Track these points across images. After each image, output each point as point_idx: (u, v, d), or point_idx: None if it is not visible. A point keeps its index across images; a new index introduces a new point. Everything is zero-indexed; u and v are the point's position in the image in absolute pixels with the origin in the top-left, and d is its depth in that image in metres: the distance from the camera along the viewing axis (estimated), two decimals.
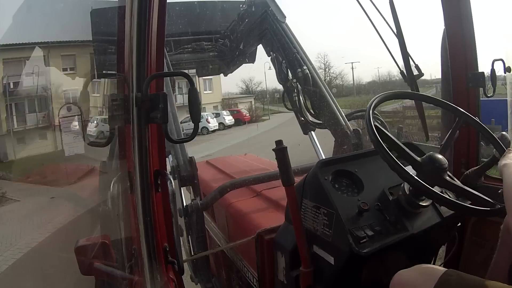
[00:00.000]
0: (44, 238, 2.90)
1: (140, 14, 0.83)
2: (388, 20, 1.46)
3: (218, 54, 2.60)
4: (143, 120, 0.85)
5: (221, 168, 2.27)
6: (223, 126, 18.80)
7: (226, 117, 19.67)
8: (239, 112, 22.35)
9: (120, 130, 0.96)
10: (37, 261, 2.61)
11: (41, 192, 4.05)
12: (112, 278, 1.12)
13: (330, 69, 32.07)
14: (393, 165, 0.94)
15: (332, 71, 32.52)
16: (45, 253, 2.50)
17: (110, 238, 1.15)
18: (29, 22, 2.14)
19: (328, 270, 1.05)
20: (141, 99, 0.83)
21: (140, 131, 0.86)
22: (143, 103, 0.83)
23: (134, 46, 0.85)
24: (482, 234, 1.45)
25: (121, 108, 0.91)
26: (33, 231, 3.09)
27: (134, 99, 0.84)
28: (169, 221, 0.97)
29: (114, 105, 0.91)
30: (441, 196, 0.90)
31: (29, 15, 1.97)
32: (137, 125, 0.85)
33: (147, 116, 0.85)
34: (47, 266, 1.96)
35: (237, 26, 2.43)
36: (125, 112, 0.89)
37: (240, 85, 32.89)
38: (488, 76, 1.53)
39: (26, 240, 3.11)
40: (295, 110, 2.41)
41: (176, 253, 0.97)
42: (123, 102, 0.91)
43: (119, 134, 0.97)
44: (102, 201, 1.29)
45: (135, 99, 0.84)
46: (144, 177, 0.87)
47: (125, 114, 0.89)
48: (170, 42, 2.35)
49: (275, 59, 2.33)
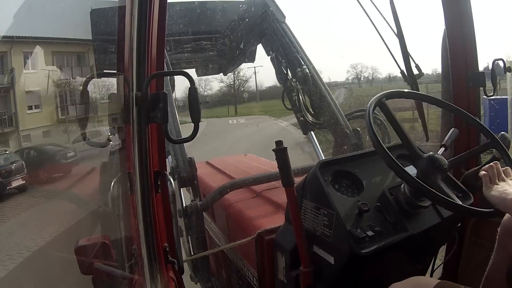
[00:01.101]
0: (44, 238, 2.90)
1: (140, 14, 0.83)
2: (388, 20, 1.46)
3: (218, 54, 2.60)
4: (143, 120, 0.85)
5: (221, 169, 2.27)
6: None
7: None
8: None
9: (120, 130, 0.96)
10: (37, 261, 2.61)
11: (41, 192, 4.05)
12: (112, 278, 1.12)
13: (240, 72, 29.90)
14: (392, 165, 0.94)
15: (243, 74, 30.46)
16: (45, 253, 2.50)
17: (110, 238, 1.14)
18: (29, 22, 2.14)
19: (328, 270, 1.05)
20: (141, 99, 0.83)
21: (140, 130, 0.85)
22: (143, 103, 0.83)
23: (134, 46, 0.84)
24: (482, 234, 1.45)
25: (121, 108, 0.91)
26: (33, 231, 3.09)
27: (134, 98, 0.84)
28: (169, 221, 0.97)
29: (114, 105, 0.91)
30: (440, 197, 0.90)
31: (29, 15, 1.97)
32: (137, 125, 0.85)
33: (147, 116, 0.85)
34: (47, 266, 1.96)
35: (237, 26, 2.43)
36: (125, 111, 0.89)
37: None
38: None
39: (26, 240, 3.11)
40: (294, 110, 2.41)
41: (176, 253, 0.97)
42: (123, 101, 0.91)
43: (119, 134, 0.97)
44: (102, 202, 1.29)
45: (135, 98, 0.84)
46: (144, 177, 0.87)
47: (125, 113, 0.89)
48: (170, 42, 2.35)
49: (274, 59, 2.33)
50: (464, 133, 1.48)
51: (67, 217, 2.15)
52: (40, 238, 2.96)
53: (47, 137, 3.97)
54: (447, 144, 1.16)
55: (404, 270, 1.15)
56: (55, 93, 3.33)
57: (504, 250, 1.08)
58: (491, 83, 1.58)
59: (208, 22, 2.47)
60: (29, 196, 3.94)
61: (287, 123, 17.78)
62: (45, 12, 2.10)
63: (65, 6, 1.84)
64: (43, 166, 3.74)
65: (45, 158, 3.85)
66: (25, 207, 3.65)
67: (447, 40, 1.53)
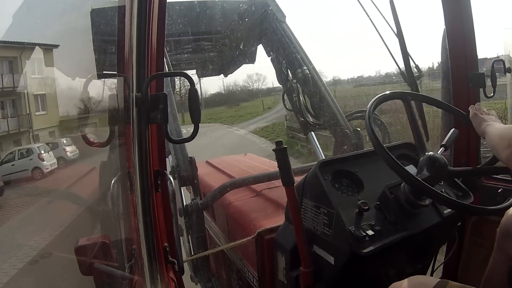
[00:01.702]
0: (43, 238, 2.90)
1: (140, 14, 0.83)
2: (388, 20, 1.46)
3: (218, 54, 2.60)
4: (143, 121, 0.85)
5: (221, 168, 2.27)
6: (64, 162, 7.70)
7: (68, 148, 7.75)
8: (85, 136, 13.75)
9: (120, 130, 0.96)
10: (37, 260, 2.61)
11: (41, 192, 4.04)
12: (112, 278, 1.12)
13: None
14: (393, 165, 0.94)
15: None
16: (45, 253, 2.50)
17: (110, 238, 1.15)
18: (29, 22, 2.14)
19: (328, 270, 1.05)
20: (141, 100, 0.83)
21: (140, 131, 0.86)
22: (143, 104, 0.83)
23: (134, 46, 0.84)
24: (482, 234, 1.45)
25: (121, 108, 0.91)
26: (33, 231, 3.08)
27: (134, 99, 0.84)
28: (169, 221, 0.97)
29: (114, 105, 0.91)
30: (441, 196, 0.90)
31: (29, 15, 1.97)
32: (137, 126, 0.85)
33: (147, 117, 0.85)
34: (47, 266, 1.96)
35: (237, 26, 2.43)
36: (125, 112, 0.89)
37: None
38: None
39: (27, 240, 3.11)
40: (295, 111, 2.41)
41: (176, 253, 0.97)
42: (123, 102, 0.91)
43: (119, 134, 0.97)
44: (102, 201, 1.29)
45: (135, 99, 0.84)
46: (144, 177, 0.87)
47: (125, 114, 0.89)
48: (170, 42, 2.35)
49: (275, 59, 2.33)
50: (464, 133, 1.48)
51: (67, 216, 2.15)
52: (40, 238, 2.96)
53: (52, 137, 3.98)
54: (447, 144, 1.16)
55: (404, 269, 1.15)
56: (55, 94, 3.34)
57: (503, 252, 1.08)
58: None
59: (208, 22, 2.47)
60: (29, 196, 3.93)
61: (244, 131, 16.24)
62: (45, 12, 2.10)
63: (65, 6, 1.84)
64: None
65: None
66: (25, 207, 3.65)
67: (447, 40, 1.53)
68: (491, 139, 1.03)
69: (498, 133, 1.00)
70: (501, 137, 0.96)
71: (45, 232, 2.96)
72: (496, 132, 1.01)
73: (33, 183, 3.91)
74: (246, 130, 16.22)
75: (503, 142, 0.93)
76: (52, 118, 4.10)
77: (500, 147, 0.94)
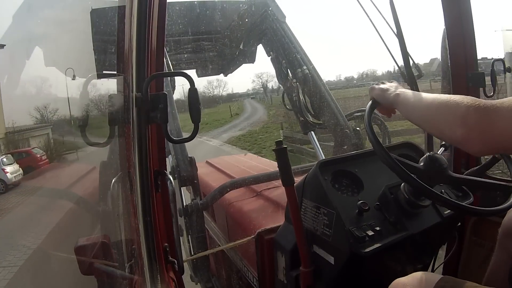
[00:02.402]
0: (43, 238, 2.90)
1: (140, 14, 0.83)
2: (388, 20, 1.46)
3: (218, 54, 2.60)
4: (143, 120, 0.85)
5: (221, 168, 2.27)
6: (4, 187, 5.01)
7: (8, 168, 5.32)
8: (29, 153, 7.40)
9: (120, 130, 0.96)
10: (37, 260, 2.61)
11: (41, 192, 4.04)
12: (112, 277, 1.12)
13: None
14: (392, 165, 0.94)
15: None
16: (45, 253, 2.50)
17: (110, 238, 1.15)
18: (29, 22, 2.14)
19: (328, 270, 1.05)
20: (141, 99, 0.83)
21: (140, 131, 0.86)
22: (143, 103, 0.83)
23: (134, 46, 0.84)
24: (482, 234, 1.45)
25: (121, 108, 0.91)
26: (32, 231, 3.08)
27: (134, 99, 0.84)
28: (169, 221, 0.97)
29: (114, 105, 0.91)
30: (440, 197, 0.90)
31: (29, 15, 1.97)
32: (137, 125, 0.85)
33: (147, 116, 0.85)
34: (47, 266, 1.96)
35: (237, 26, 2.43)
36: (125, 112, 0.89)
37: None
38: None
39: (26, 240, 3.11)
40: (295, 110, 2.41)
41: (176, 252, 0.97)
42: (123, 102, 0.91)
43: (119, 134, 0.97)
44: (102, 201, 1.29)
45: (135, 99, 0.84)
46: (144, 177, 0.87)
47: (125, 114, 0.89)
48: (170, 42, 2.35)
49: (275, 59, 2.33)
50: None
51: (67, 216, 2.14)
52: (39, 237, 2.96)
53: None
54: (447, 144, 1.16)
55: (404, 269, 1.15)
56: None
57: (505, 251, 1.08)
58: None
59: (208, 22, 2.47)
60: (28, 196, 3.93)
61: (218, 141, 14.24)
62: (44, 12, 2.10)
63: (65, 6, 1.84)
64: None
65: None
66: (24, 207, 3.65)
67: (447, 40, 1.53)
68: (420, 113, 0.83)
69: (433, 105, 0.78)
70: (444, 112, 0.75)
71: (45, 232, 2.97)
72: (427, 103, 0.81)
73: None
74: (219, 140, 14.28)
75: (450, 118, 0.73)
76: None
77: (445, 124, 0.74)
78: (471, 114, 0.68)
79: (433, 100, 0.79)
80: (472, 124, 0.68)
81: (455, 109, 0.71)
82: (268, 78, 34.37)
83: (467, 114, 0.69)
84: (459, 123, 0.70)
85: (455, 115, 0.71)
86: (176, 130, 1.60)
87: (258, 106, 25.18)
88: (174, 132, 1.58)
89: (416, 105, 0.85)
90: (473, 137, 0.68)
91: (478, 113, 0.68)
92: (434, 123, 0.79)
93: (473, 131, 0.68)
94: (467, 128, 0.68)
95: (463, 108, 0.70)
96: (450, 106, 0.73)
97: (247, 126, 17.41)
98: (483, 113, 0.67)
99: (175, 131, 1.59)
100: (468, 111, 0.69)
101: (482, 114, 0.67)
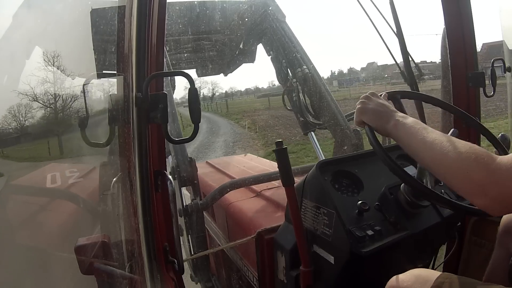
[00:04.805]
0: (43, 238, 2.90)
1: (140, 14, 0.83)
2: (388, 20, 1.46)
3: (218, 54, 2.60)
4: (143, 120, 0.85)
5: (221, 168, 2.27)
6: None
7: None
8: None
9: (120, 130, 0.96)
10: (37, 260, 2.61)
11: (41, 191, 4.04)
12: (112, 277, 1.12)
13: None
14: (392, 166, 0.94)
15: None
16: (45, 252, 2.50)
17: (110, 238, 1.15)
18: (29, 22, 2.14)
19: (328, 270, 1.05)
20: (141, 99, 0.83)
21: (140, 131, 0.86)
22: (143, 103, 0.83)
23: (134, 46, 0.84)
24: (482, 234, 1.45)
25: (121, 108, 0.91)
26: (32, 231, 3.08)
27: (134, 99, 0.84)
28: (169, 221, 0.97)
29: (114, 105, 0.91)
30: (440, 197, 0.90)
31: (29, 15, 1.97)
32: (137, 125, 0.85)
33: (147, 116, 0.85)
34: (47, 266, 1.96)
35: (237, 26, 2.43)
36: (125, 112, 0.89)
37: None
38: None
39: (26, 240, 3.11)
40: (295, 111, 2.41)
41: (176, 252, 0.97)
42: (123, 102, 0.91)
43: (119, 134, 0.97)
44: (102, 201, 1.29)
45: (135, 99, 0.84)
46: (144, 177, 0.87)
47: (125, 114, 0.89)
48: (170, 42, 2.35)
49: (275, 59, 2.33)
50: (464, 133, 1.48)
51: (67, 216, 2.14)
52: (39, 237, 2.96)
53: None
54: None
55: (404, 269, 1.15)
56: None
57: (504, 249, 1.08)
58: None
59: (208, 21, 2.47)
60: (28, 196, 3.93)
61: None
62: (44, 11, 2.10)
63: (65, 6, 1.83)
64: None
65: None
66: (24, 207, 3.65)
67: (447, 40, 1.53)
68: (425, 154, 0.74)
69: (441, 152, 0.69)
70: (457, 170, 0.66)
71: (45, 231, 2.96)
72: (432, 144, 0.72)
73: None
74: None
75: (466, 182, 0.65)
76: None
77: (461, 186, 0.67)
78: (492, 186, 0.62)
79: (441, 144, 0.70)
80: (493, 196, 0.63)
81: (470, 170, 0.64)
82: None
83: (487, 184, 0.63)
84: (478, 193, 0.64)
85: (471, 180, 0.64)
86: (176, 130, 1.60)
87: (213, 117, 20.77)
88: (174, 132, 1.58)
89: (420, 146, 0.75)
90: (495, 207, 0.64)
91: (498, 186, 0.62)
92: (446, 176, 0.70)
93: (495, 203, 0.63)
94: (488, 199, 0.63)
95: (481, 175, 0.63)
96: (462, 162, 0.65)
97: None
98: (502, 185, 0.62)
99: (175, 131, 1.59)
100: (488, 180, 0.62)
101: (502, 186, 0.62)
